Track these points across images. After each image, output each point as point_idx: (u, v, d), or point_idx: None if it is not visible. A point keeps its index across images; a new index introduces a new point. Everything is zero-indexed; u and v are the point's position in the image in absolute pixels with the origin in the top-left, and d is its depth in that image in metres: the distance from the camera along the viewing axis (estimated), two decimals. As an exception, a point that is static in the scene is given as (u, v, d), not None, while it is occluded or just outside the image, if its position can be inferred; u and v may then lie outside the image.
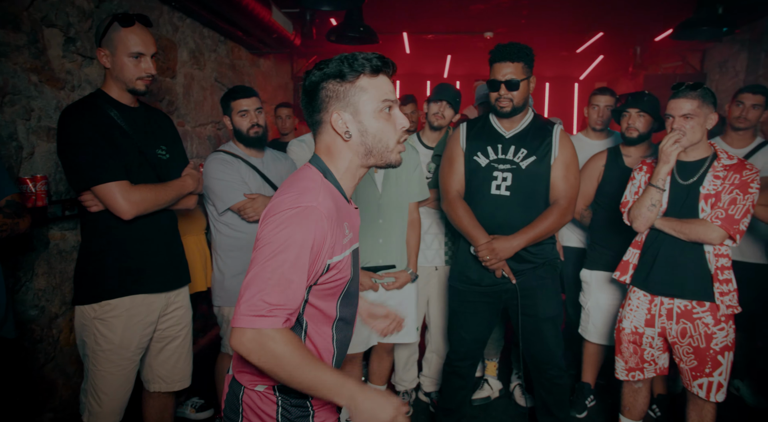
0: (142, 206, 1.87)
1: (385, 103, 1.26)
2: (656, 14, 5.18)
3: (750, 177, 2.17)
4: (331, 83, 1.24)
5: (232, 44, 4.90)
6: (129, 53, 1.88)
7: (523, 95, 2.32)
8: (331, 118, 1.25)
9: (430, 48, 7.23)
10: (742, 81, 5.49)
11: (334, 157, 1.29)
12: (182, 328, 2.16)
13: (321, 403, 1.33)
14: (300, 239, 1.15)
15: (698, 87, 2.18)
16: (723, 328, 2.23)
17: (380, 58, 1.26)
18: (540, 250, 2.43)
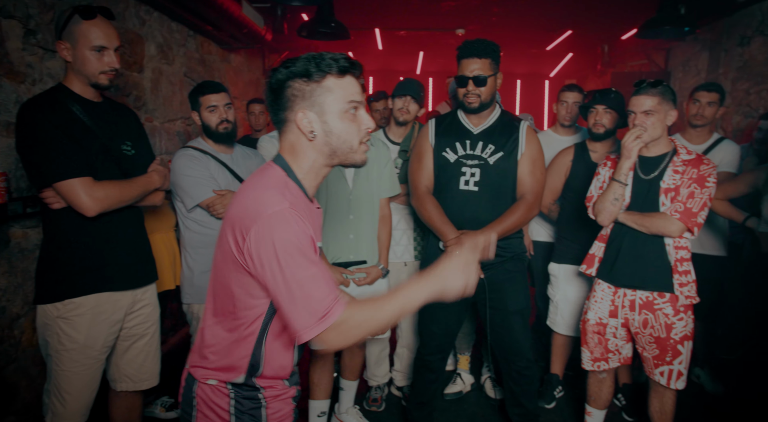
0: (106, 203, 1.83)
1: (351, 105, 1.27)
2: (621, 14, 5.30)
3: (707, 172, 2.24)
4: (298, 82, 1.25)
5: (202, 39, 4.83)
6: (91, 47, 1.84)
7: (490, 91, 2.35)
8: (297, 117, 1.26)
9: (403, 44, 7.25)
10: (703, 79, 5.66)
11: (298, 156, 1.29)
12: (149, 326, 2.13)
13: (273, 395, 1.36)
14: (293, 241, 1.16)
15: (658, 84, 2.24)
16: (682, 318, 2.31)
17: (347, 60, 1.27)
18: (508, 244, 2.47)
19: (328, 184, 2.52)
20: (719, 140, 3.14)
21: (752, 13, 4.78)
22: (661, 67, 6.63)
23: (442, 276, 1.22)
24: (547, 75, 9.70)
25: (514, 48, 7.42)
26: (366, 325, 1.18)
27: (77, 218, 1.84)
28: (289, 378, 1.41)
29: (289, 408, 1.41)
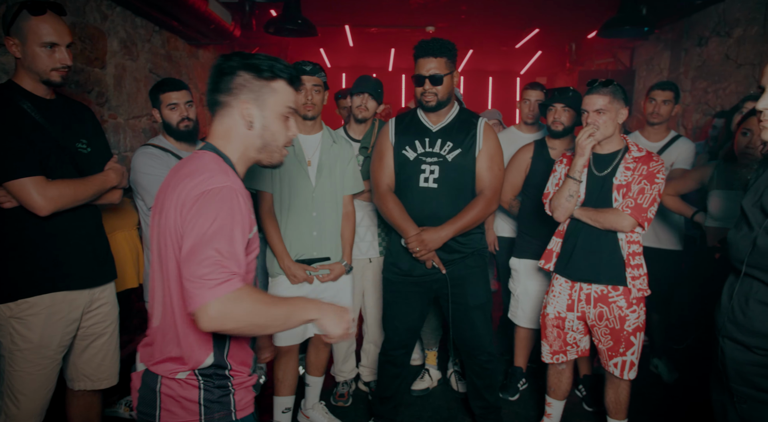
0: (60, 202, 1.82)
1: (288, 110, 1.41)
2: (586, 13, 5.41)
3: (656, 168, 2.32)
4: (249, 75, 1.35)
5: (168, 34, 4.77)
6: (41, 43, 1.81)
7: (447, 90, 2.39)
8: (241, 104, 1.35)
9: (374, 41, 7.27)
10: (665, 78, 5.81)
11: (230, 142, 1.38)
12: (108, 325, 2.12)
13: (240, 383, 1.40)
14: (228, 214, 1.23)
15: (609, 84, 2.31)
16: (635, 310, 2.39)
17: (299, 72, 1.45)
18: (468, 240, 2.52)
19: (290, 181, 2.53)
20: (676, 138, 3.25)
21: (709, 15, 4.93)
22: (626, 66, 6.78)
23: (325, 312, 1.34)
24: (518, 72, 9.82)
25: (484, 46, 7.50)
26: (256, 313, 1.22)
27: (31, 217, 1.82)
28: (251, 366, 1.47)
29: (251, 396, 1.46)
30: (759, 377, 1.42)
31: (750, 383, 1.44)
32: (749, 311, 1.43)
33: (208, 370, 1.34)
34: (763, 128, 1.41)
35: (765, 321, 1.40)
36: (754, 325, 1.41)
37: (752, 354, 1.43)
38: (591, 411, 3.09)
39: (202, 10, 4.26)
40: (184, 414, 1.32)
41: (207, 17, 4.43)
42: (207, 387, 1.34)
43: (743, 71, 4.48)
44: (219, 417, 1.34)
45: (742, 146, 2.40)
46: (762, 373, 1.41)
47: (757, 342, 1.41)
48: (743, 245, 1.48)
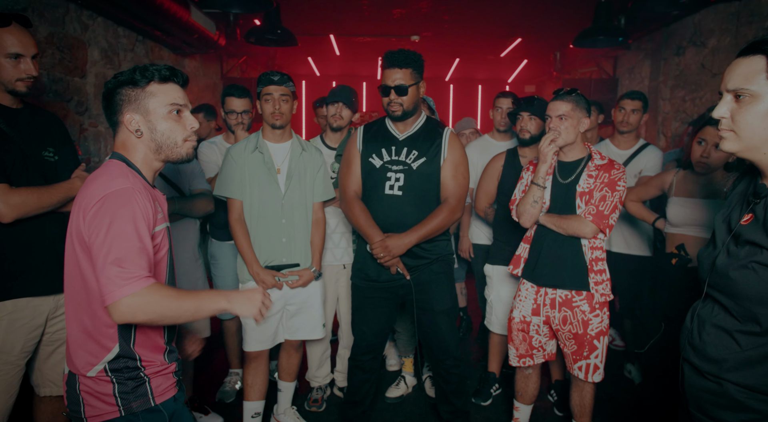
0: (23, 210, 1.85)
1: (173, 107, 1.47)
2: (564, 23, 5.48)
3: (617, 176, 2.37)
4: (125, 89, 1.44)
5: (152, 44, 4.83)
6: (6, 54, 1.86)
7: (412, 100, 2.44)
8: (125, 118, 1.45)
9: (362, 50, 7.34)
10: (646, 87, 5.89)
11: (129, 151, 1.48)
12: (66, 333, 2.14)
13: (154, 371, 1.50)
14: (129, 214, 1.34)
15: (573, 92, 2.37)
16: (598, 315, 2.43)
17: (169, 69, 1.48)
18: (433, 246, 2.56)
19: (260, 188, 2.57)
20: (644, 146, 3.31)
21: (686, 25, 5.01)
22: (609, 74, 6.87)
23: (234, 299, 1.47)
24: (506, 80, 9.92)
25: (471, 54, 7.59)
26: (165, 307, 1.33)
27: (-7, 223, 1.85)
28: (167, 354, 1.55)
29: (171, 381, 1.55)
30: (709, 405, 1.34)
31: (702, 410, 1.37)
32: (705, 334, 1.36)
33: (118, 363, 1.44)
34: (720, 137, 1.32)
35: (718, 346, 1.31)
36: (707, 350, 1.33)
37: (704, 380, 1.35)
38: (562, 416, 3.13)
39: (185, 20, 4.31)
40: (104, 406, 1.43)
41: (190, 27, 4.48)
42: (119, 380, 1.44)
43: (717, 81, 4.55)
44: (137, 406, 1.45)
45: (696, 155, 2.46)
46: (712, 401, 1.33)
47: (708, 368, 1.33)
48: (706, 264, 1.39)
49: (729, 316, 1.30)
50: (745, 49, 1.26)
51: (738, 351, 1.27)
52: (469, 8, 5.09)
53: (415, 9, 5.18)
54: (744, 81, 1.23)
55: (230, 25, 5.25)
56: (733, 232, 1.32)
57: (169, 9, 4.04)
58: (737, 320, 1.28)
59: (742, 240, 1.28)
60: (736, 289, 1.26)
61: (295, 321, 2.71)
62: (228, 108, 3.07)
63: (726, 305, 1.31)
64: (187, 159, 1.53)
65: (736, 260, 1.27)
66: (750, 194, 1.34)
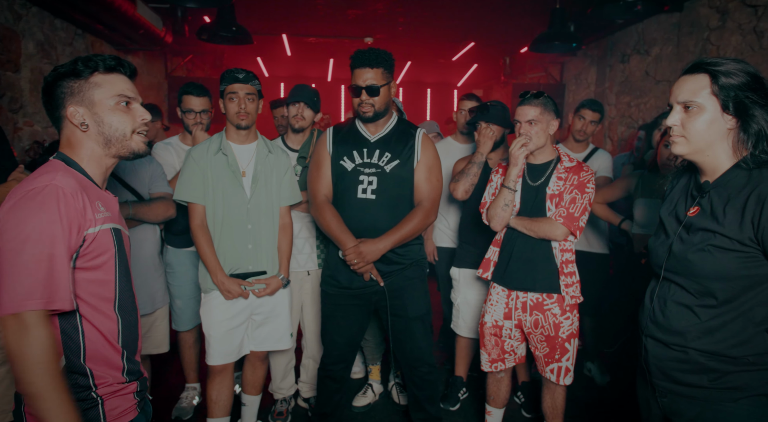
0: None
1: (120, 98, 1.38)
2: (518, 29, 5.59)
3: (586, 178, 2.40)
4: (67, 81, 1.34)
5: (93, 38, 4.53)
6: None
7: (384, 100, 2.37)
8: (68, 112, 1.35)
9: (313, 51, 7.22)
10: (593, 92, 6.11)
11: (75, 148, 1.37)
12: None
13: (110, 392, 1.34)
14: (45, 218, 1.20)
15: (540, 96, 2.37)
16: (569, 317, 2.44)
17: (114, 59, 1.39)
18: (407, 251, 2.50)
19: (224, 193, 2.43)
20: (594, 150, 3.41)
21: (630, 34, 5.23)
22: (557, 80, 7.09)
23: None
24: (455, 84, 10.06)
25: (423, 57, 7.63)
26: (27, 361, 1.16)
27: None
28: (126, 372, 1.39)
29: (131, 403, 1.40)
30: (676, 371, 1.53)
31: (669, 377, 1.56)
32: (667, 311, 1.54)
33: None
34: (671, 142, 1.52)
35: (680, 320, 1.51)
36: (671, 324, 1.53)
37: (670, 351, 1.54)
38: (530, 418, 3.14)
39: (130, 14, 4.07)
40: None
41: (135, 22, 4.24)
42: None
43: (661, 87, 4.77)
44: None
45: (664, 157, 2.53)
46: (679, 368, 1.52)
47: (674, 340, 1.52)
48: (661, 252, 1.58)
49: (687, 293, 1.50)
50: (690, 68, 1.47)
51: (698, 322, 1.47)
52: (426, 11, 5.09)
53: (371, 10, 5.13)
54: (691, 95, 1.44)
55: (178, 22, 5.00)
56: (684, 223, 1.52)
57: (113, 2, 3.79)
58: (694, 296, 1.48)
59: (695, 228, 1.47)
60: (694, 269, 1.46)
61: (262, 331, 2.58)
62: (185, 107, 2.89)
63: (683, 285, 1.51)
64: (140, 154, 1.42)
65: (691, 245, 1.47)
66: (693, 189, 1.54)
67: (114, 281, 1.38)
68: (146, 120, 1.41)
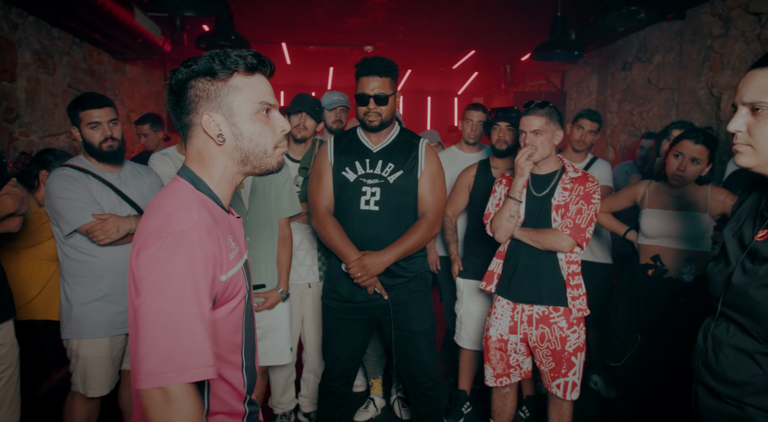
0: None
1: (262, 105, 1.17)
2: (519, 37, 5.57)
3: (592, 189, 2.35)
4: (201, 82, 1.13)
5: (90, 47, 4.48)
6: None
7: (391, 110, 2.33)
8: (202, 120, 1.14)
9: (312, 59, 7.20)
10: (594, 100, 6.07)
11: (206, 164, 1.17)
12: (5, 369, 1.87)
13: None
14: (188, 270, 1.00)
15: (545, 105, 2.33)
16: (575, 331, 2.39)
17: (256, 56, 1.16)
18: (411, 264, 2.44)
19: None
20: (593, 160, 3.37)
21: (631, 41, 5.20)
22: (558, 88, 7.06)
23: None
24: (455, 92, 10.04)
25: (423, 66, 7.61)
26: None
27: None
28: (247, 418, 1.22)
29: None
30: None
31: None
32: (722, 356, 1.29)
33: None
34: (735, 152, 1.26)
35: (738, 369, 1.25)
36: (726, 372, 1.27)
37: (723, 404, 1.30)
38: (535, 432, 3.08)
39: (128, 23, 4.03)
40: None
41: (133, 31, 4.20)
42: None
43: (664, 95, 4.73)
44: None
45: (672, 167, 2.48)
46: None
47: (729, 392, 1.27)
48: (719, 281, 1.32)
49: (749, 337, 1.24)
50: (761, 59, 1.20)
51: (760, 374, 1.21)
52: (426, 19, 5.06)
53: (371, 19, 5.10)
54: (762, 94, 1.18)
55: (176, 30, 4.97)
56: (749, 248, 1.26)
57: (111, 10, 3.75)
58: (758, 341, 1.22)
59: (761, 257, 1.21)
60: (756, 308, 1.19)
61: (261, 346, 2.52)
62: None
63: (745, 325, 1.24)
64: (277, 170, 1.22)
65: (755, 279, 1.20)
66: (764, 209, 1.28)
67: (241, 331, 1.20)
68: (286, 131, 1.21)
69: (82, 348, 2.23)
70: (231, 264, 1.13)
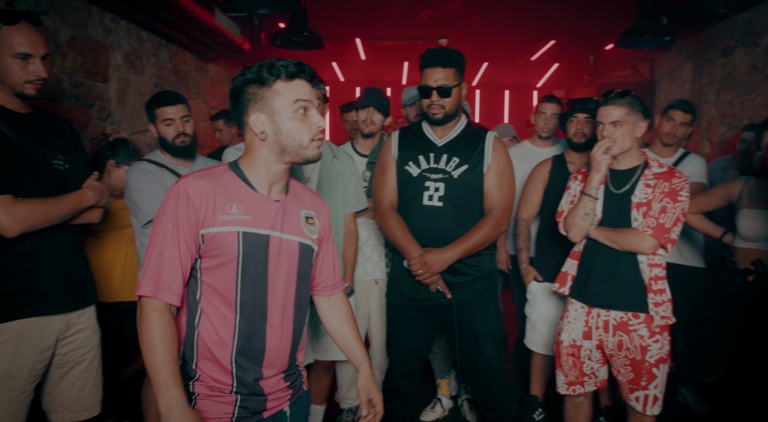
0: (29, 223, 1.70)
1: (298, 104, 1.37)
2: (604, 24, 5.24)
3: (679, 185, 2.14)
4: (252, 87, 1.37)
5: (176, 48, 4.73)
6: (14, 54, 1.71)
7: (455, 102, 2.24)
8: (250, 119, 1.38)
9: (387, 55, 7.18)
10: (688, 90, 5.60)
11: (250, 153, 1.42)
12: (87, 351, 1.98)
13: (206, 394, 1.37)
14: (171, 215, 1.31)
15: (626, 94, 2.14)
16: (658, 340, 2.19)
17: (296, 65, 1.37)
18: (477, 262, 2.35)
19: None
20: (685, 155, 3.08)
21: (733, 24, 4.72)
22: (646, 78, 6.58)
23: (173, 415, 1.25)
24: (534, 85, 9.66)
25: (499, 58, 7.37)
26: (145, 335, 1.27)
27: (0, 238, 1.70)
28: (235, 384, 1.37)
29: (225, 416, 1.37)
30: None
31: None
32: None
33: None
34: None
35: None
36: None
37: None
38: (612, 447, 2.87)
39: (209, 24, 4.20)
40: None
41: (214, 31, 4.37)
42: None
43: (772, 82, 4.26)
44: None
45: (776, 162, 2.21)
46: None
47: None
48: None
49: None
50: None
51: None
52: (502, 9, 4.88)
53: (445, 11, 4.99)
54: None
55: (254, 29, 5.13)
56: None
57: (193, 12, 3.92)
58: None
59: None
60: None
61: (326, 341, 2.52)
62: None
63: None
64: (314, 160, 1.42)
65: None
66: None
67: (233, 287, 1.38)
68: (322, 127, 1.41)
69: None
70: (222, 224, 1.34)
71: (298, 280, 1.46)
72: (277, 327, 1.42)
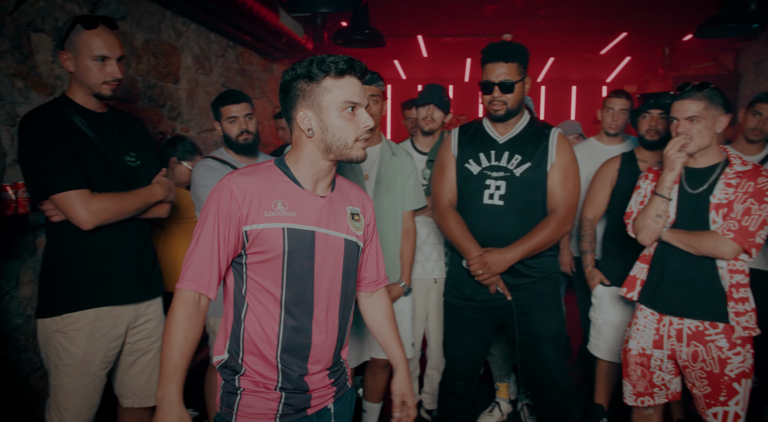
0: (103, 216, 1.80)
1: (347, 104, 1.34)
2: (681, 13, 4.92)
3: (766, 185, 1.96)
4: (301, 83, 1.34)
5: (242, 49, 4.87)
6: (93, 56, 1.82)
7: (518, 98, 2.17)
8: (297, 115, 1.36)
9: (449, 51, 7.10)
10: (777, 82, 5.17)
11: (296, 149, 1.40)
12: (155, 341, 2.08)
13: (251, 390, 1.37)
14: (213, 210, 1.32)
15: (705, 87, 1.99)
16: (739, 352, 2.02)
17: (347, 62, 1.33)
18: (538, 263, 2.26)
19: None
20: None
21: (833, 8, 4.30)
22: (729, 70, 6.15)
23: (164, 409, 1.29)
24: (603, 80, 9.25)
25: (565, 52, 7.11)
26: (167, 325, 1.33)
27: (76, 231, 1.81)
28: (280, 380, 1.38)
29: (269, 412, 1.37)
30: None
31: None
32: None
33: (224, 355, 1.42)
34: None
35: None
36: None
37: None
38: (684, 464, 2.70)
39: (274, 24, 4.29)
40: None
41: (279, 31, 4.46)
42: (225, 377, 1.41)
43: None
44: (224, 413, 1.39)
45: None
46: None
47: None
48: None
49: None
50: None
51: None
52: (570, 1, 4.69)
53: (509, 5, 4.87)
54: None
55: (317, 28, 5.20)
56: None
57: (259, 13, 4.02)
58: None
59: None
60: None
61: (381, 339, 2.51)
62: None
63: None
64: (357, 161, 1.40)
65: None
66: None
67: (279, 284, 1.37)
68: (369, 127, 1.37)
69: (217, 324, 2.42)
70: (265, 220, 1.33)
71: (344, 277, 1.44)
72: (322, 324, 1.40)
